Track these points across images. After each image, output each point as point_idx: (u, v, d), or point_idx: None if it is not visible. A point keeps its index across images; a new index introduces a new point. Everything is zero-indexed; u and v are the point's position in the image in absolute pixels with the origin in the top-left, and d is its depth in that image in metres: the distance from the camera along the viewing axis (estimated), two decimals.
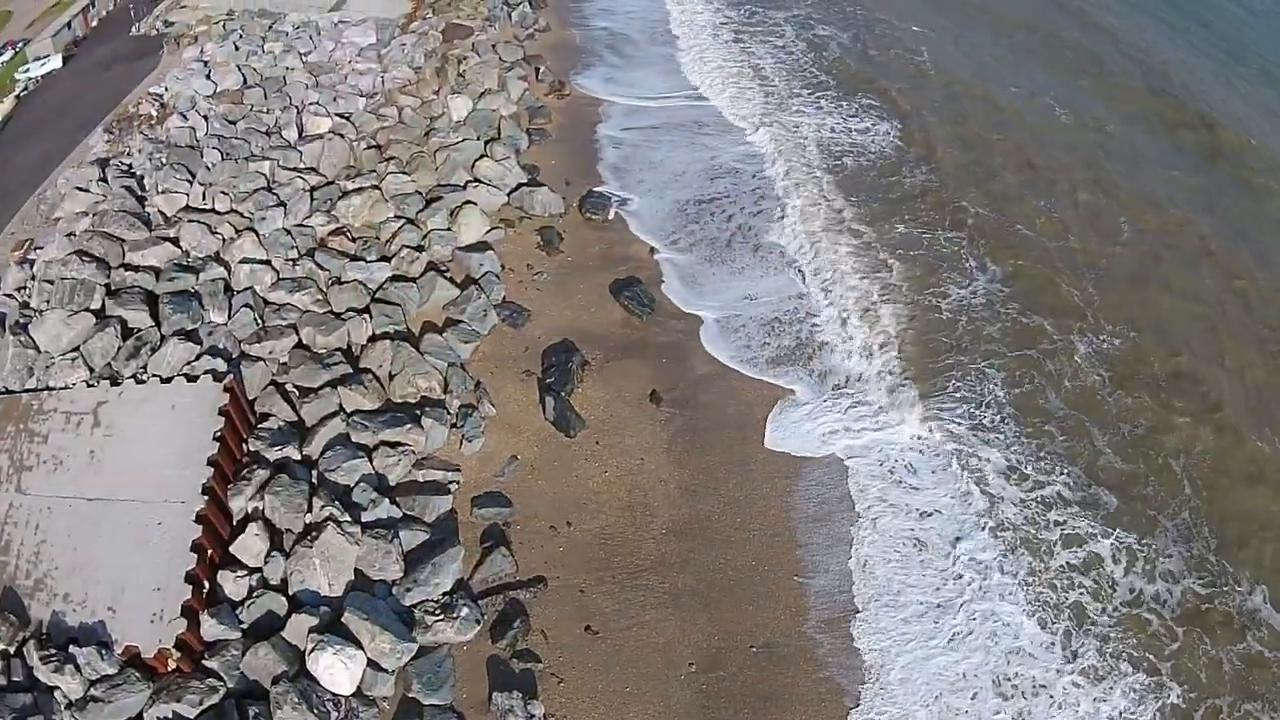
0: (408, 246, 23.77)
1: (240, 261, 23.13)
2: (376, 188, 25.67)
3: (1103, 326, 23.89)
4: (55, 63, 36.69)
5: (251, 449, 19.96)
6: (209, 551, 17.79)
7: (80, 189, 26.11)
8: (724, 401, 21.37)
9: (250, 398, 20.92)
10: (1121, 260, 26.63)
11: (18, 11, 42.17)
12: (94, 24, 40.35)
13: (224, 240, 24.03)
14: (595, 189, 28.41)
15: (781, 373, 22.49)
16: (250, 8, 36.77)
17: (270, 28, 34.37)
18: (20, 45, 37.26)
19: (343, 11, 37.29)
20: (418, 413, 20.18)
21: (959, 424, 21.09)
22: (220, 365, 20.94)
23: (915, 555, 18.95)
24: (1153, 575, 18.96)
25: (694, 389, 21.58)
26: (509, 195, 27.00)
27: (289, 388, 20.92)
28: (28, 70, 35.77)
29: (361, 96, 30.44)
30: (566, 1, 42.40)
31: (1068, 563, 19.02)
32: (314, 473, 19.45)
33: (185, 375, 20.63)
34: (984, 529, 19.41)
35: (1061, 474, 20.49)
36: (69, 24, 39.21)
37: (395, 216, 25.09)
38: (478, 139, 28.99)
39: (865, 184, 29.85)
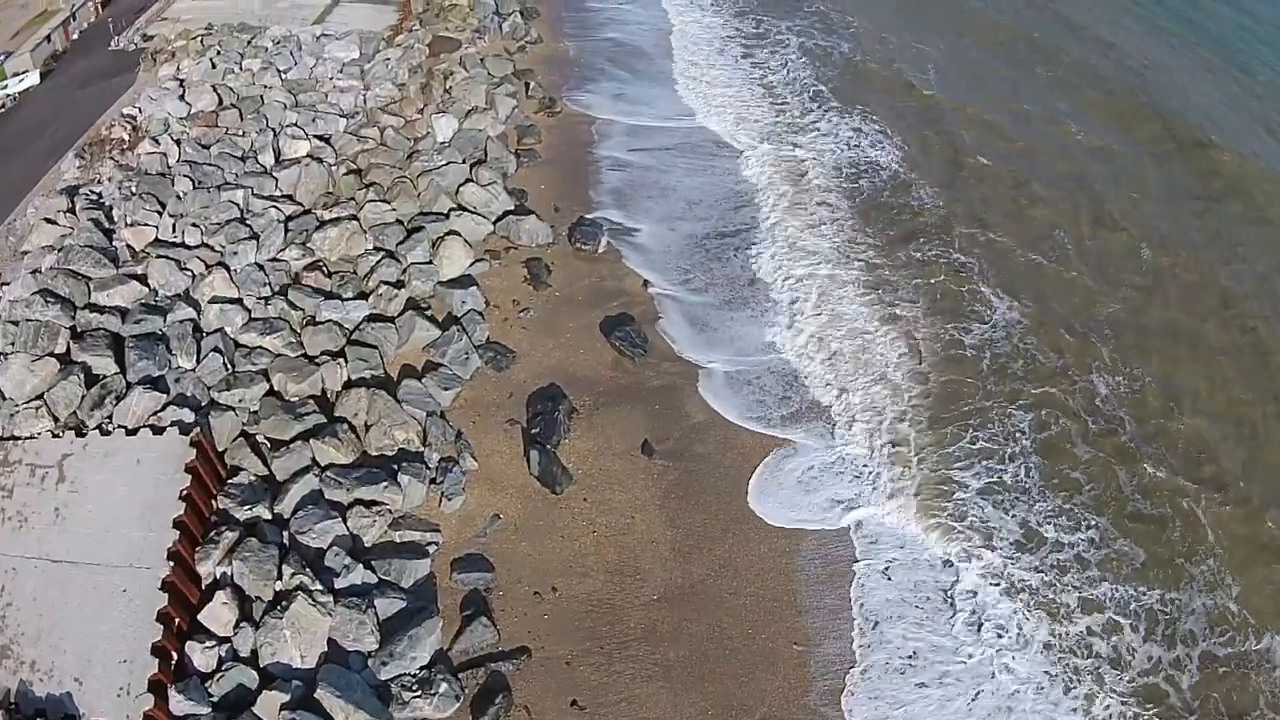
0: (386, 283, 22.58)
1: (210, 301, 21.99)
2: (355, 218, 24.42)
3: (1120, 369, 22.60)
4: (33, 79, 35.38)
5: (221, 506, 18.93)
6: (176, 621, 16.81)
7: (48, 220, 24.91)
8: (720, 453, 20.17)
9: (220, 449, 19.88)
10: (1136, 297, 25.25)
11: (2, 20, 40.96)
12: (74, 37, 39.00)
13: (194, 277, 22.83)
14: (586, 216, 26.98)
15: (794, 429, 21.00)
16: (230, 21, 35.39)
17: (249, 43, 33.00)
18: (0, 59, 36.04)
19: (326, 24, 35.88)
20: (395, 467, 19.02)
21: (977, 480, 19.85)
22: (188, 416, 19.81)
23: (927, 621, 17.79)
24: (1173, 640, 17.89)
25: (688, 439, 20.37)
26: (494, 224, 25.69)
27: (260, 439, 19.85)
28: (5, 87, 34.53)
29: (342, 117, 29.11)
30: (560, 12, 40.72)
31: (1087, 628, 17.85)
32: (285, 534, 18.39)
33: (151, 427, 19.60)
34: (1002, 592, 18.22)
35: (1088, 528, 19.32)
36: (49, 37, 37.88)
37: (374, 249, 23.87)
38: (463, 161, 27.63)
39: (876, 211, 28.48)
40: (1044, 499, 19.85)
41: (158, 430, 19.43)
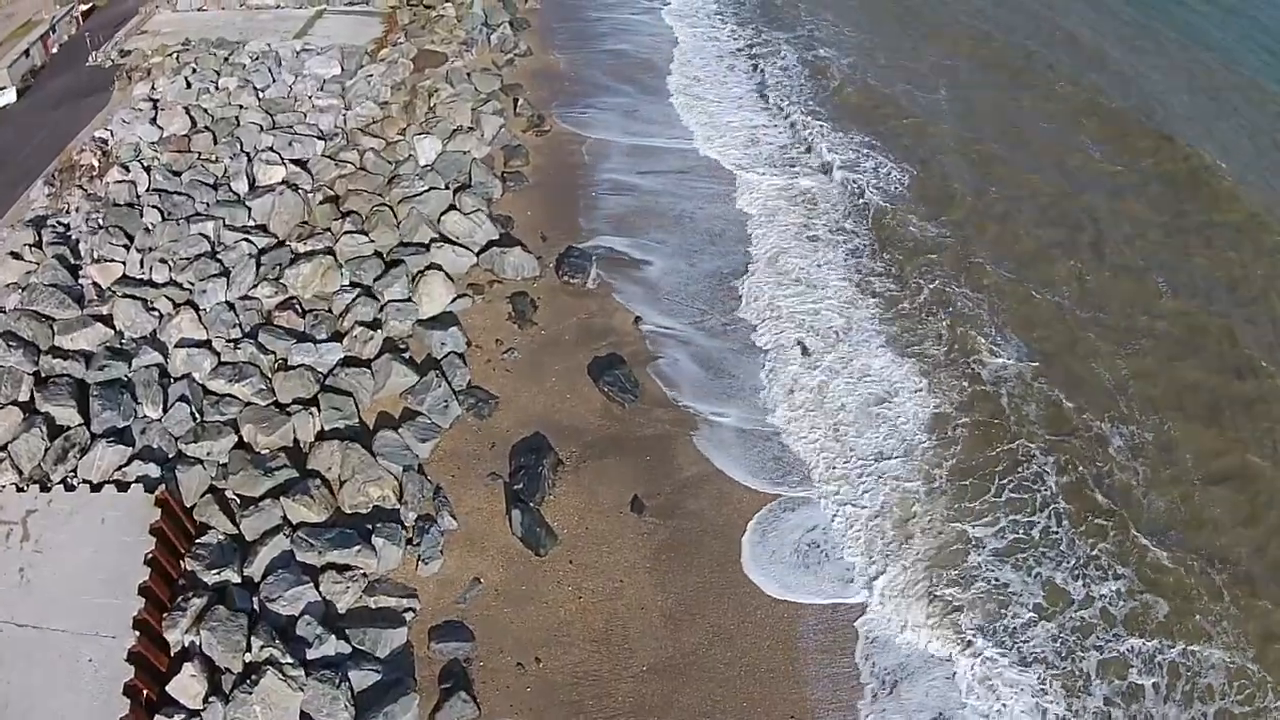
0: (362, 323, 21.51)
1: (177, 345, 21.05)
2: (330, 251, 23.39)
3: (1135, 416, 21.30)
4: (10, 96, 34.44)
5: (189, 568, 18.05)
6: (144, 693, 15.99)
7: (14, 255, 23.98)
8: (714, 509, 19.02)
9: (188, 505, 18.97)
10: (1151, 338, 23.73)
11: None
12: (54, 50, 37.94)
13: (161, 317, 21.92)
14: (575, 245, 25.67)
15: (796, 484, 19.59)
16: (209, 36, 34.40)
17: (226, 59, 32.06)
18: None
19: (308, 37, 34.71)
20: (369, 528, 18.06)
21: (998, 540, 18.64)
22: (153, 471, 18.97)
23: (941, 693, 16.58)
24: (1191, 698, 16.89)
25: (680, 494, 19.25)
26: (478, 255, 24.54)
27: (229, 494, 18.94)
28: None
29: (320, 139, 28.04)
30: (551, 22, 39.33)
31: (1106, 698, 16.79)
32: (255, 599, 17.50)
33: (116, 483, 18.82)
34: (1014, 662, 17.06)
35: (1114, 581, 18.24)
36: (27, 51, 36.83)
37: (350, 284, 22.84)
38: (445, 187, 26.55)
39: (885, 246, 27.04)
40: (1059, 557, 18.61)
41: (122, 487, 18.62)
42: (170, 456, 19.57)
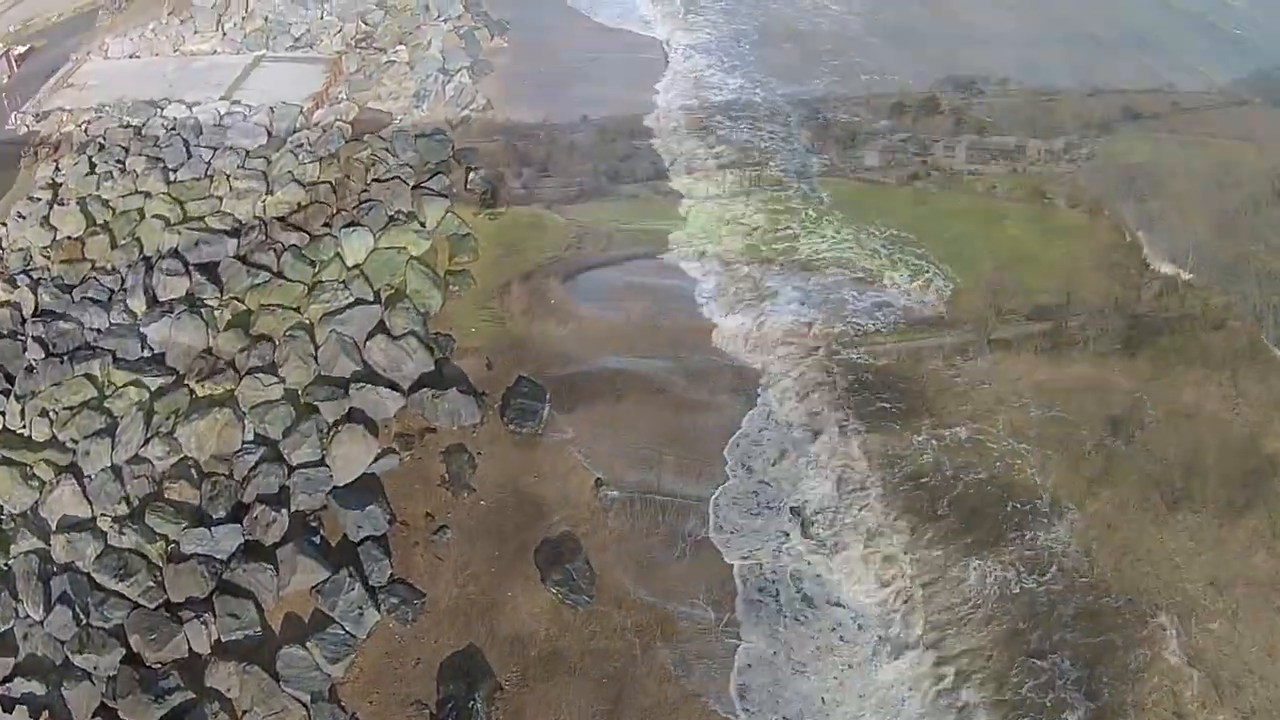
0: (265, 500, 19.24)
1: (58, 527, 19.14)
2: (232, 396, 21.09)
3: (1200, 603, 17.65)
4: None
5: None
6: None
7: None
8: None
9: None
10: (1229, 502, 19.50)
11: None
12: None
13: (41, 487, 19.95)
14: (526, 377, 22.43)
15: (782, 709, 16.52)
16: (126, 97, 32.31)
17: (138, 133, 29.75)
18: None
19: (241, 92, 32.30)
20: None
21: None
22: (38, 689, 17.23)
23: None
24: None
25: None
26: (408, 396, 21.68)
27: (122, 717, 17.00)
28: None
29: (233, 236, 25.63)
30: (519, 64, 35.48)
31: None
32: None
33: (2, 700, 17.12)
34: None
35: None
36: None
37: (255, 440, 20.49)
38: (375, 296, 24.00)
39: (904, 379, 22.71)
40: None
41: (8, 707, 17.21)
42: (58, 663, 17.86)
